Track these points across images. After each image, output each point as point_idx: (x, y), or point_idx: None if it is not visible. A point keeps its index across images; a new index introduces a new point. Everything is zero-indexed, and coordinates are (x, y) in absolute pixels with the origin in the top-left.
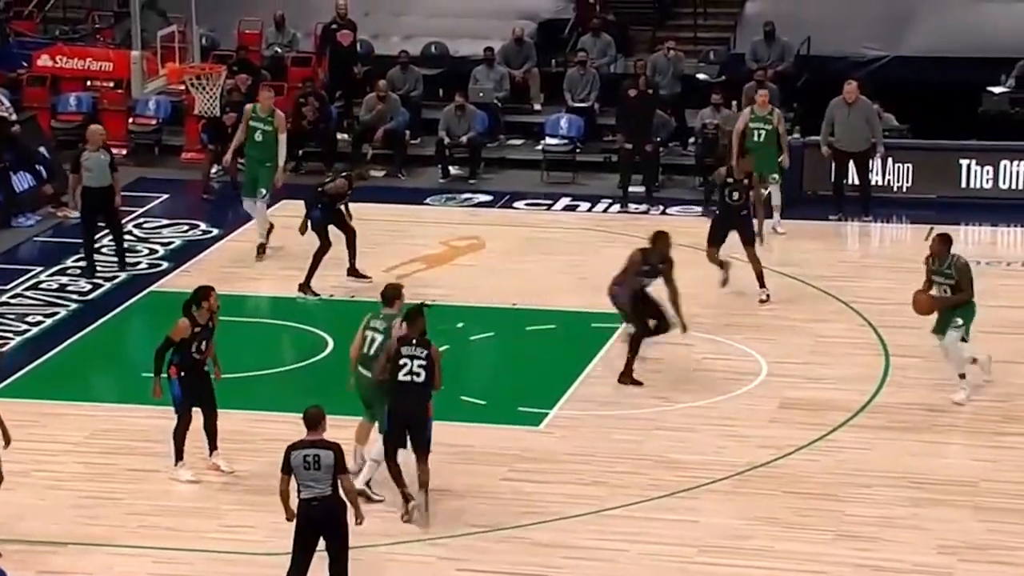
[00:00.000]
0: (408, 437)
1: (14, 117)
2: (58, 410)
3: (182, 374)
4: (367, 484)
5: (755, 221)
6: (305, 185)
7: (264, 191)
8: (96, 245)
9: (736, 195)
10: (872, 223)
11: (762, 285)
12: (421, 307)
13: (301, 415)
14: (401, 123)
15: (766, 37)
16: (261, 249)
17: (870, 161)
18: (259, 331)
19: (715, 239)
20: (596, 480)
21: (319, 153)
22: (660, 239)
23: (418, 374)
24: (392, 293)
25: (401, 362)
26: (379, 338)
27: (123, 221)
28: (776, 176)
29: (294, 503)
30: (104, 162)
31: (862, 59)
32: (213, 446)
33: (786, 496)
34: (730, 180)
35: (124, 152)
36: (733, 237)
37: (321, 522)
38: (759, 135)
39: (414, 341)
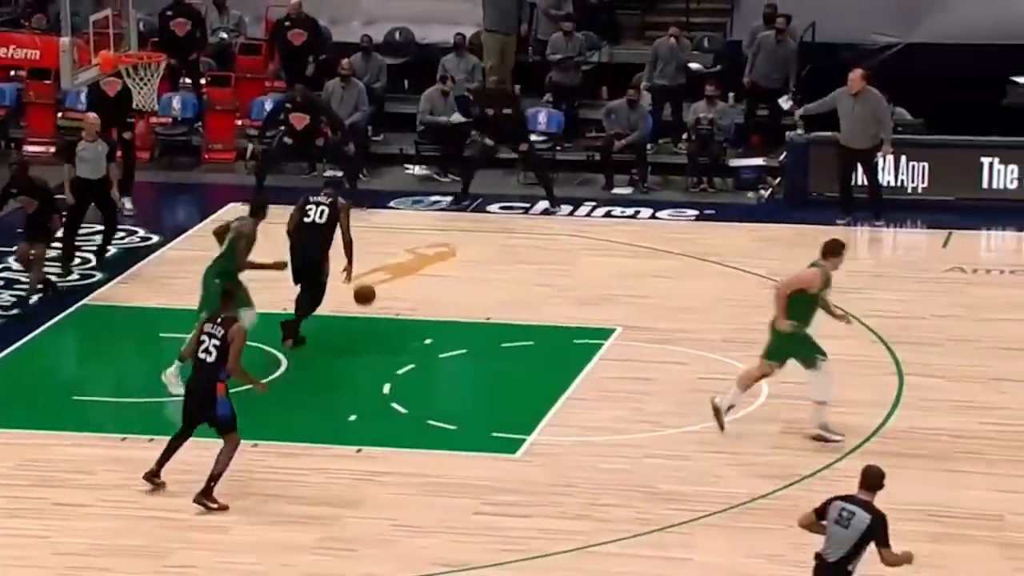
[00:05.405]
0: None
1: None
2: None
3: None
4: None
5: None
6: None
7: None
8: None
9: None
10: (884, 228)
11: None
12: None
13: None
14: (365, 116)
15: (766, 21)
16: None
17: (878, 159)
18: None
19: None
20: (580, 514)
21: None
22: None
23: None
24: None
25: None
26: None
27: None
28: None
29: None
30: (101, 153)
31: (873, 46)
32: None
33: (790, 531)
34: None
35: (52, 150)
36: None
37: None
38: None
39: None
